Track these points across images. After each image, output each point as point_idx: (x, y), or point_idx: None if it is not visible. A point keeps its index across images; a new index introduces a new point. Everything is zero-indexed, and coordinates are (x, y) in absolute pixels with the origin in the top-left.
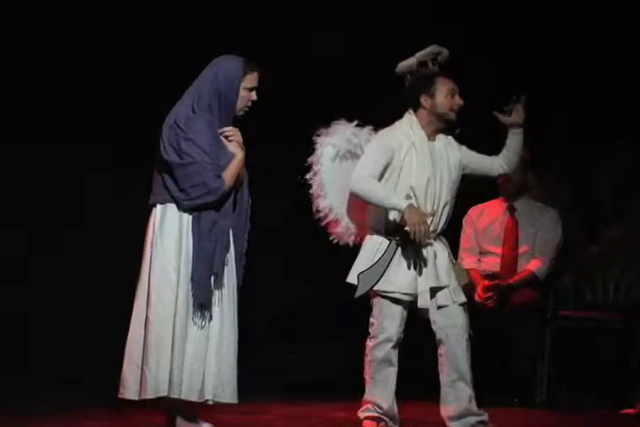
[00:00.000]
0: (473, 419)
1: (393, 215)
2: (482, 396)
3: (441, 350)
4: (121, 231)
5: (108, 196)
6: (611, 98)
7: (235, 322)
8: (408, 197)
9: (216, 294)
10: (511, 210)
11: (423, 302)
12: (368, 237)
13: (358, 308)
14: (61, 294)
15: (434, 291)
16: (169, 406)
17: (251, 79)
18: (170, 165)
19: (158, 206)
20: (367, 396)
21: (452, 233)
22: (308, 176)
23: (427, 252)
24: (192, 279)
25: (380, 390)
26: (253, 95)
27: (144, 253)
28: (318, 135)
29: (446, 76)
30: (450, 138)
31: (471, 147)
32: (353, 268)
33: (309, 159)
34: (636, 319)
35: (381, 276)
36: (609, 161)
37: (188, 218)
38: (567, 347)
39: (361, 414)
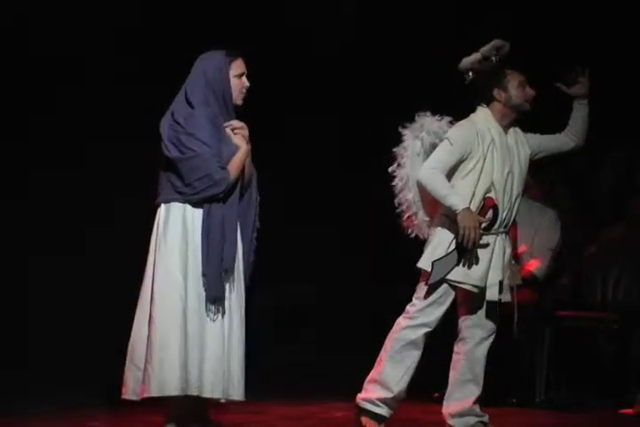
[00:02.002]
0: (473, 419)
1: (475, 202)
2: (481, 396)
3: (459, 349)
4: (123, 231)
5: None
6: (609, 99)
7: (242, 320)
8: (488, 190)
9: (226, 289)
10: None
11: (491, 295)
12: (440, 226)
13: (358, 307)
14: (62, 293)
15: (502, 286)
16: (172, 406)
17: (237, 66)
18: (173, 161)
19: (162, 206)
20: (375, 375)
21: None
22: (391, 168)
23: (499, 245)
24: (203, 275)
25: (397, 370)
26: (245, 81)
27: (149, 253)
28: (405, 127)
29: (514, 69)
30: (518, 130)
31: None
32: (425, 254)
33: (395, 150)
34: (634, 320)
35: (455, 265)
36: (608, 161)
37: (192, 216)
38: (566, 347)
39: (361, 403)
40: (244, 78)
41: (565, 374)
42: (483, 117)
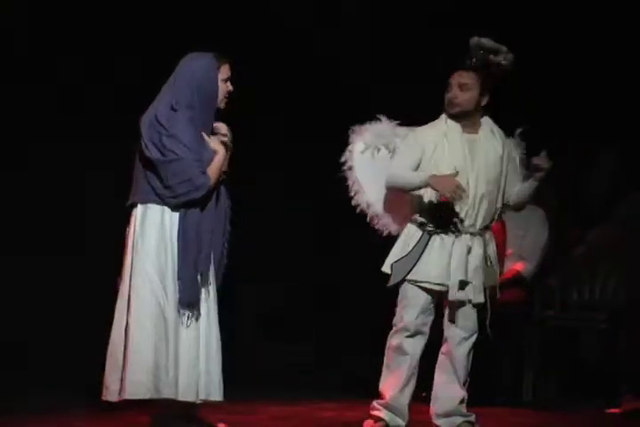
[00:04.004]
0: (460, 419)
1: (429, 196)
2: (468, 396)
3: (444, 349)
4: (107, 234)
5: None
6: (599, 100)
7: (217, 322)
8: None
9: (203, 293)
10: None
11: (452, 294)
12: (405, 229)
13: (357, 308)
14: (60, 294)
15: (462, 285)
16: (160, 408)
17: (225, 70)
18: (153, 162)
19: (139, 206)
20: (380, 384)
21: None
22: (343, 171)
23: (460, 245)
24: (179, 279)
25: (390, 378)
26: (229, 86)
27: (125, 255)
28: (352, 132)
29: (456, 70)
30: (497, 133)
31: None
32: (388, 257)
33: (344, 155)
34: (622, 319)
35: (414, 265)
36: (597, 162)
37: (170, 218)
38: (554, 346)
39: (371, 410)
40: (228, 83)
41: (553, 374)
42: (442, 118)
